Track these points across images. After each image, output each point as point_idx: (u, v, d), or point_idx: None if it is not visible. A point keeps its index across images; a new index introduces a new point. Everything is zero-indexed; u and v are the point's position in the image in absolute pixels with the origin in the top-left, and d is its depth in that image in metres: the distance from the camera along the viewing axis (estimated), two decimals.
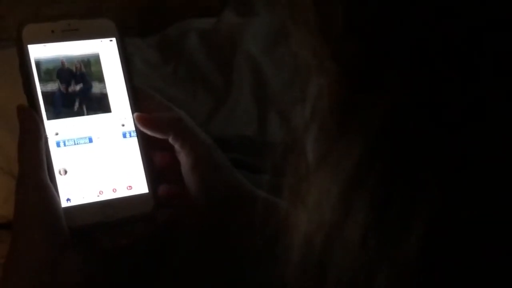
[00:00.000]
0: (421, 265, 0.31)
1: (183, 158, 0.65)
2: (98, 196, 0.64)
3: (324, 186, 0.35)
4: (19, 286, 0.58)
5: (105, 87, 0.66)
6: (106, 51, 0.67)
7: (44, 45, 0.64)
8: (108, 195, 0.64)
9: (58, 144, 0.63)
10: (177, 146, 0.66)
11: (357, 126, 0.33)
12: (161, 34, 1.19)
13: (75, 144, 0.64)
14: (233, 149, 0.94)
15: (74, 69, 0.65)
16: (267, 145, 0.96)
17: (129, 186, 0.65)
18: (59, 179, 0.62)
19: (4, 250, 0.59)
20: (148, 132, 0.66)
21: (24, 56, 0.63)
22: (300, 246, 0.36)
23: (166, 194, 0.66)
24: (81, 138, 0.65)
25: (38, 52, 0.63)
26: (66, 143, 0.64)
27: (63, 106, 0.64)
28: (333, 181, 0.34)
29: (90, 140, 0.65)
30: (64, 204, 0.62)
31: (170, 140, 0.65)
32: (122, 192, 0.65)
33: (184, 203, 0.66)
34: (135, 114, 0.66)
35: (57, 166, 0.63)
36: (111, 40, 0.67)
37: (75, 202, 0.63)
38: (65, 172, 0.63)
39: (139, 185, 0.66)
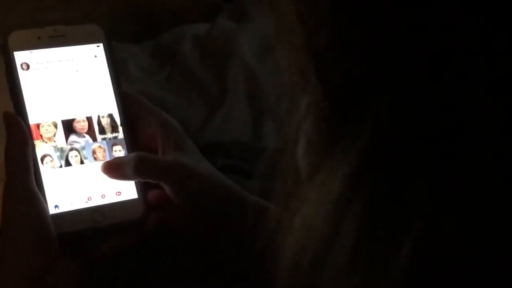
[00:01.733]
0: (411, 284, 0.30)
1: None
2: (86, 202, 0.64)
3: (311, 205, 0.34)
4: None
5: (92, 93, 0.66)
6: (93, 56, 0.66)
7: (31, 52, 0.64)
8: (97, 201, 0.64)
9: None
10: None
11: (344, 145, 0.32)
12: (155, 40, 1.19)
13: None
14: (228, 154, 0.94)
15: (61, 75, 0.65)
16: (262, 151, 0.96)
17: (118, 192, 0.65)
18: (47, 185, 0.62)
19: None
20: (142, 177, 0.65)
21: (10, 63, 0.63)
22: (288, 266, 0.35)
23: (156, 199, 0.65)
24: (68, 144, 0.64)
25: (25, 58, 0.63)
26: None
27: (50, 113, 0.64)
28: (321, 201, 0.33)
29: (78, 146, 0.65)
30: (52, 210, 0.61)
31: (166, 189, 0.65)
32: (111, 198, 0.65)
33: (173, 209, 0.65)
34: (103, 164, 0.65)
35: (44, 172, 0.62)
36: (98, 46, 0.67)
37: (63, 208, 0.62)
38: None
39: (128, 191, 0.65)
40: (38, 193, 0.60)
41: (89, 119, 0.65)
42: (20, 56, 0.63)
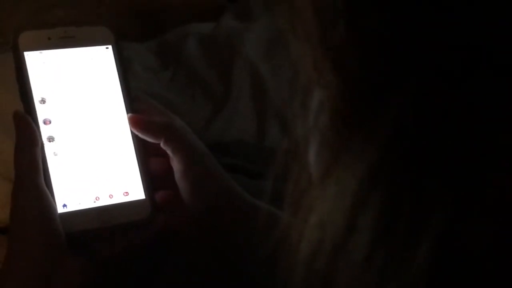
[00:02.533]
0: (429, 283, 0.30)
1: (175, 165, 0.65)
2: (94, 202, 0.64)
3: (327, 202, 0.34)
4: None
5: (101, 94, 0.66)
6: (102, 58, 0.67)
7: (41, 52, 0.64)
8: (104, 201, 0.64)
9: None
10: (169, 152, 0.65)
11: (361, 141, 0.32)
12: (160, 39, 1.19)
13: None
14: (231, 154, 0.94)
15: (70, 76, 0.65)
16: (266, 151, 0.96)
17: (126, 192, 0.65)
18: (56, 185, 0.62)
19: (3, 255, 0.59)
20: (140, 135, 0.66)
21: (20, 63, 0.63)
22: (304, 262, 0.35)
23: (163, 200, 0.66)
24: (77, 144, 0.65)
25: (35, 59, 0.63)
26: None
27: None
28: (337, 198, 0.33)
29: (87, 146, 0.65)
30: (60, 210, 0.62)
31: (162, 145, 0.65)
32: (119, 198, 0.65)
33: (180, 209, 0.65)
34: (129, 115, 0.66)
35: (53, 171, 0.63)
36: (107, 48, 0.67)
37: (71, 208, 0.63)
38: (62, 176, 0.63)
39: (136, 191, 0.66)
40: (47, 192, 0.60)
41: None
42: (30, 57, 0.63)
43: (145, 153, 0.66)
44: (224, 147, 0.95)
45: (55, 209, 0.60)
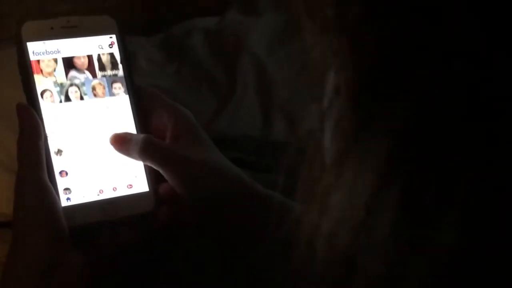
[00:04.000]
0: (455, 263, 0.30)
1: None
2: (98, 195, 0.63)
3: (348, 183, 0.33)
4: (20, 286, 0.57)
5: (105, 85, 0.66)
6: (106, 48, 0.66)
7: (44, 42, 0.63)
8: (108, 194, 0.64)
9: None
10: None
11: (382, 121, 0.31)
12: (165, 33, 1.18)
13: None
14: (237, 148, 0.93)
15: (73, 67, 0.64)
16: (272, 145, 0.95)
17: (130, 185, 0.65)
18: (59, 178, 0.62)
19: (6, 249, 0.59)
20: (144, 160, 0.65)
21: (23, 54, 0.62)
22: (324, 245, 0.35)
23: (167, 192, 0.65)
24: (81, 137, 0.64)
25: (37, 49, 0.63)
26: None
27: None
28: (357, 179, 0.33)
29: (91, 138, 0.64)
30: (64, 203, 0.61)
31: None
32: (123, 191, 0.64)
33: (184, 202, 0.65)
34: (112, 135, 0.65)
35: (56, 165, 0.62)
36: (111, 37, 0.66)
37: (75, 201, 0.62)
38: (66, 173, 0.63)
39: (140, 184, 0.65)
40: (50, 186, 0.60)
41: (89, 57, 0.65)
42: (33, 47, 0.63)
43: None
44: (230, 141, 0.95)
45: (58, 202, 0.60)
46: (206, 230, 0.66)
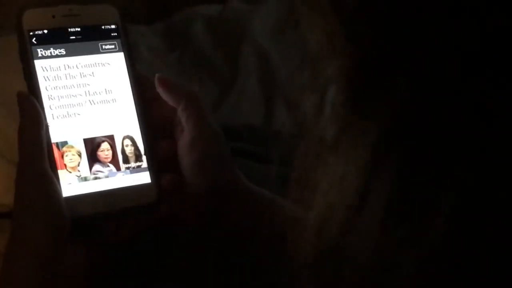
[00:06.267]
0: (450, 247, 0.30)
1: (184, 136, 0.64)
2: (100, 185, 0.63)
3: (339, 168, 0.33)
4: (19, 278, 0.57)
5: (107, 76, 0.65)
6: (108, 37, 0.65)
7: (45, 31, 0.62)
8: (110, 185, 0.63)
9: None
10: (183, 120, 0.64)
11: (375, 107, 0.32)
12: (166, 21, 1.18)
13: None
14: (239, 138, 0.93)
15: (75, 56, 0.64)
16: (274, 135, 0.95)
17: (132, 177, 0.64)
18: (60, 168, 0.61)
19: (6, 240, 0.58)
20: (163, 96, 0.65)
21: (24, 42, 0.62)
22: (315, 228, 0.35)
23: (169, 184, 0.64)
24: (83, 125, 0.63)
25: (39, 38, 0.62)
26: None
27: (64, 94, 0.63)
28: (349, 163, 0.33)
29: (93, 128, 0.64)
30: (65, 193, 0.60)
31: (179, 110, 0.64)
32: (125, 182, 0.64)
33: (186, 194, 0.64)
34: (157, 74, 0.65)
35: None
36: (113, 26, 0.65)
37: (76, 191, 0.61)
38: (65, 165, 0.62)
39: (142, 175, 0.64)
40: (51, 175, 0.59)
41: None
42: (34, 35, 0.62)
43: (152, 136, 0.65)
44: (232, 131, 0.94)
45: (59, 193, 0.59)
46: (203, 225, 0.66)
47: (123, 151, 0.64)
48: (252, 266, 0.64)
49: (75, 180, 0.61)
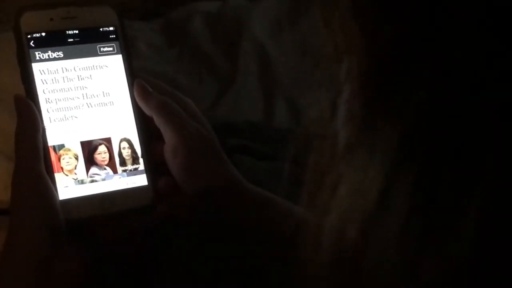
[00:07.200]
0: (476, 255, 0.29)
1: (166, 142, 0.64)
2: (96, 188, 0.63)
3: (357, 171, 0.33)
4: (15, 280, 0.57)
5: (105, 78, 0.65)
6: (106, 39, 0.65)
7: (43, 34, 0.62)
8: (106, 187, 0.63)
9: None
10: (160, 128, 0.64)
11: (395, 107, 0.31)
12: (165, 17, 1.17)
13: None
14: (239, 135, 0.93)
15: (73, 59, 0.63)
16: (275, 132, 0.94)
17: (128, 179, 0.64)
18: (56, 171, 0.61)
19: (4, 237, 0.58)
20: (139, 103, 0.65)
21: (22, 46, 0.61)
22: (333, 234, 0.34)
23: (166, 187, 0.64)
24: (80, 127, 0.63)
25: (37, 41, 0.62)
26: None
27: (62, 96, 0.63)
28: (368, 166, 0.32)
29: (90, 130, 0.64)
30: (61, 196, 0.60)
31: (155, 121, 0.64)
32: (121, 185, 0.64)
33: (182, 196, 0.64)
34: (136, 79, 0.65)
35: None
36: (111, 28, 0.65)
37: (72, 194, 0.61)
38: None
39: (138, 178, 0.64)
40: (47, 178, 0.59)
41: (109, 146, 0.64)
42: (31, 38, 0.62)
43: (149, 139, 0.65)
44: (232, 128, 0.94)
45: (55, 195, 0.59)
46: (199, 227, 0.66)
47: (120, 154, 0.64)
48: (252, 265, 0.64)
49: (71, 183, 0.61)
